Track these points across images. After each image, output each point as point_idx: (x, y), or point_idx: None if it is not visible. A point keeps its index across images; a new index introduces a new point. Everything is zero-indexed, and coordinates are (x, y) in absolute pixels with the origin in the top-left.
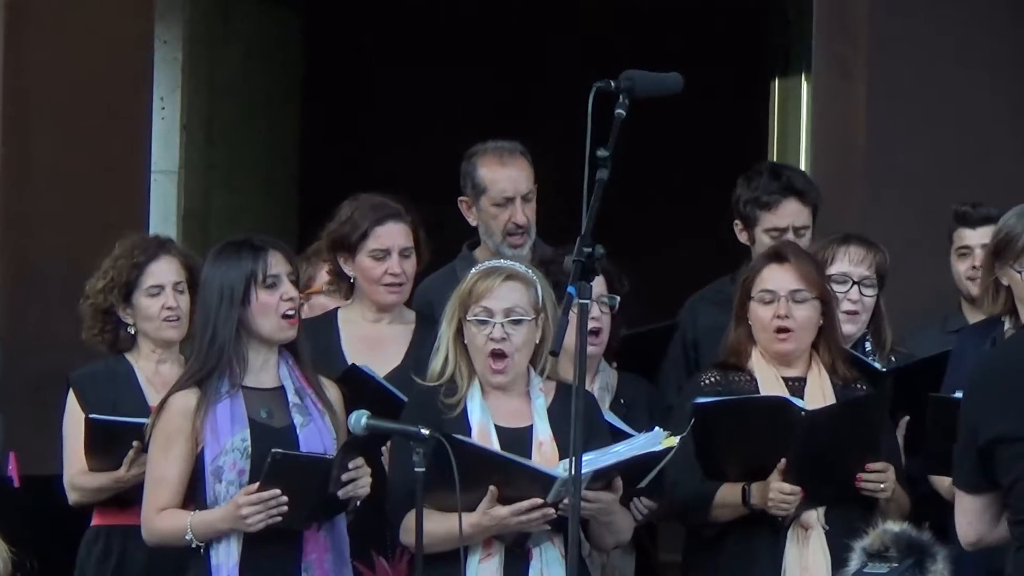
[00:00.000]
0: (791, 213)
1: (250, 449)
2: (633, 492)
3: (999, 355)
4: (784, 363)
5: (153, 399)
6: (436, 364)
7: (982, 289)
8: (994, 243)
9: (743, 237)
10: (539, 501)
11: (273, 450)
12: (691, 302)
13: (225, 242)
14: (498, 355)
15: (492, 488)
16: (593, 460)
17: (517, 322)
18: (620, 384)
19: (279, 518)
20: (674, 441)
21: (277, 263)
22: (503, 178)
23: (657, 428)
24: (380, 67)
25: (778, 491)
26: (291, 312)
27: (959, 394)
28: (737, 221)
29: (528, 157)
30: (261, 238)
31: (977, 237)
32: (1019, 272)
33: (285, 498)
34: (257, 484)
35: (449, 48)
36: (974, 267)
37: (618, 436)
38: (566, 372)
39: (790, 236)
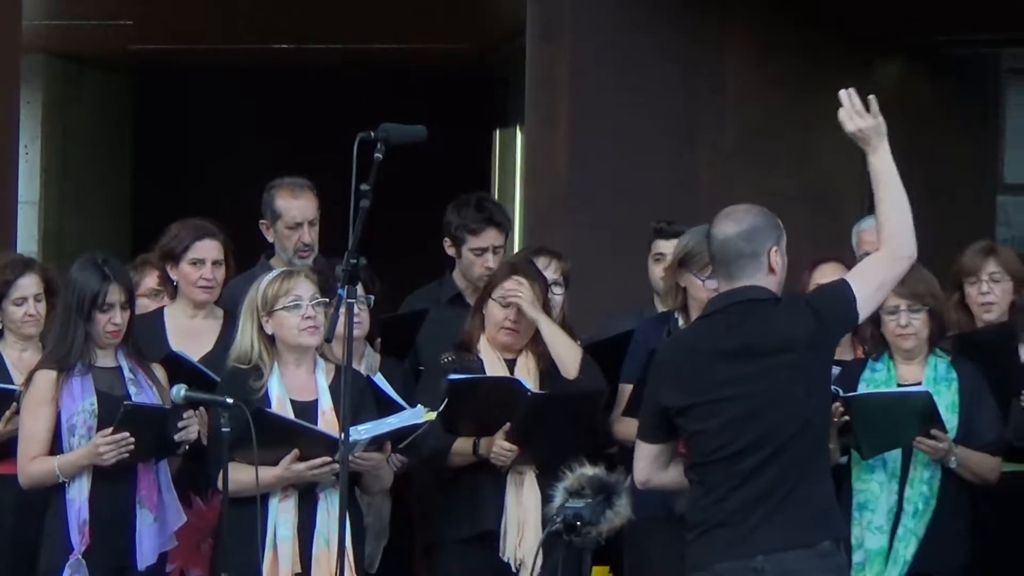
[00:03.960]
0: (491, 238)
1: (97, 411)
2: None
3: (672, 343)
4: (507, 349)
5: (18, 378)
6: (242, 348)
7: (665, 288)
8: (678, 254)
9: (451, 251)
10: (329, 459)
11: (125, 402)
12: (409, 299)
13: (89, 258)
14: (314, 329)
15: (295, 451)
16: (371, 428)
17: (320, 304)
18: (381, 365)
19: (127, 455)
20: (432, 415)
21: (114, 293)
22: (295, 208)
23: (419, 405)
24: (194, 118)
25: (500, 447)
26: (113, 332)
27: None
28: (447, 239)
29: (314, 191)
30: (112, 268)
31: (669, 246)
32: (701, 280)
33: (132, 439)
34: (112, 428)
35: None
36: (665, 269)
37: (383, 401)
38: (338, 355)
39: (489, 253)
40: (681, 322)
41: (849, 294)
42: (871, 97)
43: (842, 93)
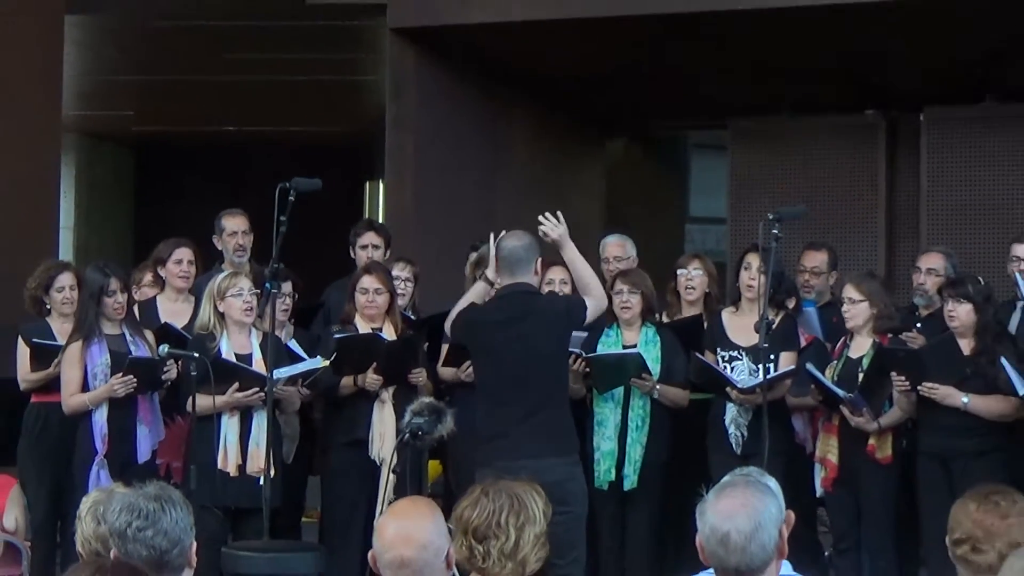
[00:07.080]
0: (370, 238)
1: (109, 363)
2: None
3: (477, 309)
4: (372, 321)
5: (61, 340)
6: (203, 321)
7: (469, 282)
8: (473, 261)
9: (352, 255)
10: (258, 390)
11: (130, 356)
12: (329, 288)
13: (95, 264)
14: (249, 309)
15: (236, 384)
16: (287, 371)
17: (253, 294)
18: (295, 334)
19: (132, 389)
20: (327, 363)
21: (114, 284)
22: (231, 222)
23: (319, 357)
24: (173, 175)
25: (371, 378)
26: (118, 310)
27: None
28: (350, 247)
29: (245, 214)
30: (111, 268)
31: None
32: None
33: (135, 379)
34: (122, 372)
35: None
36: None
37: (294, 356)
38: (266, 327)
39: (369, 250)
40: None
41: (584, 305)
42: (558, 212)
43: (540, 217)
